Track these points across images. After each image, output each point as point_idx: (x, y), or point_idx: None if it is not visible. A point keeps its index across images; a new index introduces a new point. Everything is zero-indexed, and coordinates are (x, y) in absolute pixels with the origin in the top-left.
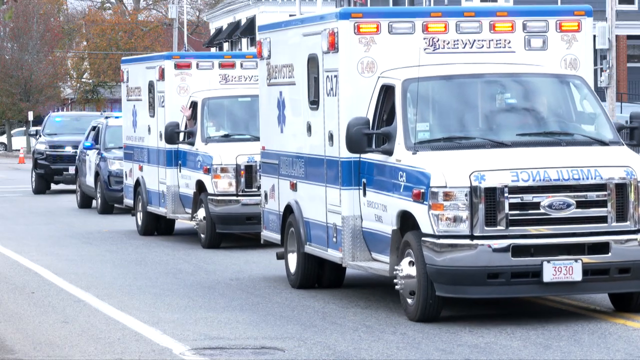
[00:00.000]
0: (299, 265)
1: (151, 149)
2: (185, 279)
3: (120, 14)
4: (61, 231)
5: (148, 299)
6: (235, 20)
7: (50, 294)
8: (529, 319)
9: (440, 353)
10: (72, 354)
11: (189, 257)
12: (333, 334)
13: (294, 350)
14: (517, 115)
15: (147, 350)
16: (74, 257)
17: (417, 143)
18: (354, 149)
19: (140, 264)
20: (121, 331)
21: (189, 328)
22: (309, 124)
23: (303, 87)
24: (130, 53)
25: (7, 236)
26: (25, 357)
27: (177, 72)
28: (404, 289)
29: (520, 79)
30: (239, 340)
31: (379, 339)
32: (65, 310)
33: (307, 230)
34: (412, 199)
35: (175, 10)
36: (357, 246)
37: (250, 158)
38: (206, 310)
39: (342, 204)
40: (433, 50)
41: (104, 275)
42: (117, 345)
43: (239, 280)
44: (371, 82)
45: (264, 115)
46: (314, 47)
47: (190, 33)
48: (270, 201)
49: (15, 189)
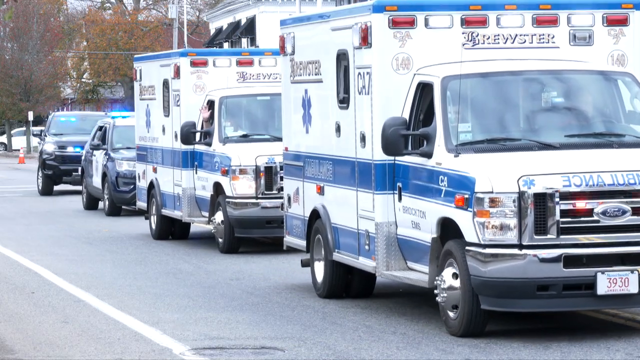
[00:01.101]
0: (326, 273)
1: (166, 149)
2: (185, 279)
3: (120, 14)
4: (61, 231)
5: (148, 299)
6: (235, 20)
7: (50, 294)
8: (529, 319)
9: (440, 353)
10: (72, 354)
11: (189, 257)
12: (333, 334)
13: (294, 350)
14: (564, 115)
15: (147, 350)
16: (74, 257)
17: (458, 145)
18: (390, 151)
19: (140, 264)
20: (121, 331)
21: (189, 328)
22: (338, 124)
23: (331, 84)
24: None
25: (7, 236)
26: (25, 357)
27: (193, 70)
28: (446, 302)
29: (566, 77)
30: (239, 340)
31: (379, 339)
32: (65, 310)
33: (336, 236)
34: (455, 205)
35: (175, 10)
36: (392, 255)
37: (271, 159)
38: (206, 310)
39: (375, 209)
40: (472, 46)
41: (104, 275)
42: (117, 345)
43: (238, 280)
44: (406, 80)
45: (287, 115)
46: (344, 42)
47: (190, 33)
48: (294, 205)
49: (16, 189)
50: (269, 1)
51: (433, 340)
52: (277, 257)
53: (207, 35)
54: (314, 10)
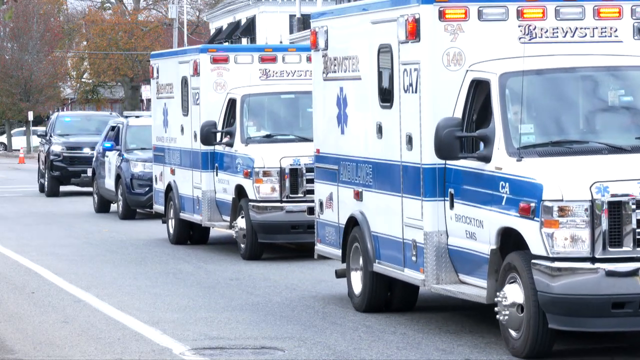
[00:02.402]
0: (365, 286)
1: (184, 150)
2: (185, 279)
3: (120, 14)
4: (61, 231)
5: (148, 299)
6: (235, 20)
7: (50, 294)
8: None
9: (440, 353)
10: (72, 354)
11: (189, 257)
12: (333, 334)
13: (294, 350)
14: (632, 115)
15: (147, 350)
16: (74, 257)
17: (520, 148)
18: (445, 155)
19: (140, 264)
20: (121, 331)
21: (189, 328)
22: (379, 124)
23: (371, 82)
24: (130, 53)
25: (7, 236)
26: (25, 357)
27: (214, 67)
28: (508, 321)
29: (632, 73)
30: (239, 340)
31: (379, 339)
32: (65, 310)
33: (376, 246)
34: (519, 214)
35: (175, 10)
36: (443, 267)
37: (296, 160)
38: (206, 310)
39: (424, 217)
40: (529, 40)
41: (104, 275)
42: (117, 345)
43: (239, 280)
44: (458, 77)
45: (319, 114)
46: (387, 36)
47: (190, 33)
48: (326, 211)
49: (16, 189)
50: (269, 1)
51: (433, 340)
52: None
53: (207, 35)
54: (314, 10)
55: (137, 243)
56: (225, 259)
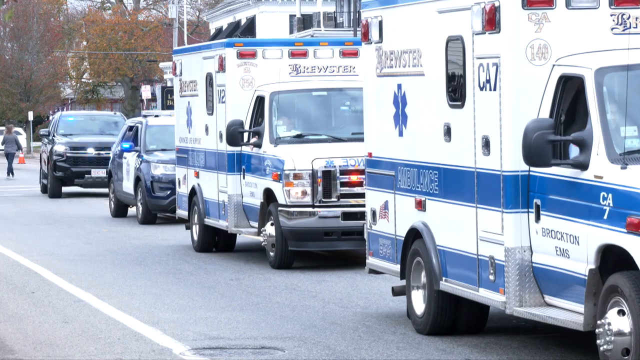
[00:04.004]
0: (429, 306)
1: (209, 152)
2: (185, 279)
3: (120, 14)
4: (61, 231)
5: (148, 299)
6: (235, 20)
7: (50, 294)
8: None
9: (440, 353)
10: (72, 354)
11: (189, 257)
12: (333, 334)
13: (294, 350)
14: None
15: (147, 350)
16: (74, 257)
17: (625, 153)
18: (535, 161)
19: (141, 264)
20: (121, 331)
21: (189, 328)
22: (447, 126)
23: (437, 78)
24: (130, 53)
25: (7, 236)
26: (25, 357)
27: (240, 62)
28: (613, 350)
29: None
30: (239, 340)
31: (379, 339)
32: (65, 310)
33: (443, 261)
34: (625, 230)
35: (175, 10)
36: (527, 287)
37: (329, 162)
38: (206, 310)
39: (505, 231)
40: (623, 30)
41: (104, 275)
42: (117, 345)
43: (238, 280)
44: (543, 72)
45: (372, 114)
46: (457, 26)
47: (190, 33)
48: (380, 222)
49: (17, 190)
50: (269, 1)
51: (433, 340)
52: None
53: (207, 35)
54: (314, 10)
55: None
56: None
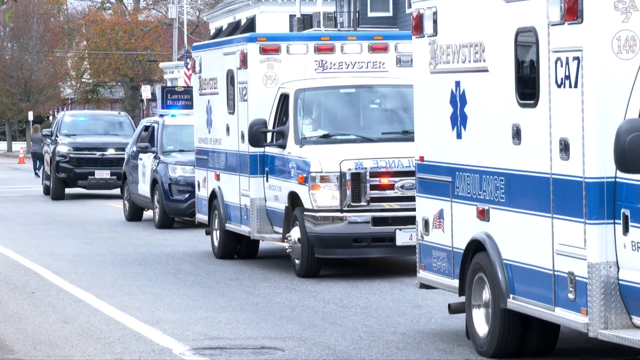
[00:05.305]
0: (494, 326)
1: (230, 153)
2: (185, 279)
3: (120, 14)
4: (61, 231)
5: (148, 299)
6: (235, 20)
7: (50, 294)
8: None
9: (440, 353)
10: (72, 354)
11: (189, 257)
12: (333, 334)
13: (294, 350)
14: None
15: (147, 350)
16: (74, 257)
17: None
18: (629, 167)
19: (141, 264)
20: (121, 331)
21: (189, 328)
22: (516, 127)
23: (504, 74)
24: (130, 53)
25: (7, 236)
26: (25, 357)
27: (263, 58)
28: None
29: None
30: (239, 340)
31: (379, 339)
32: (65, 310)
33: (510, 277)
34: None
35: (175, 10)
36: (613, 307)
37: (358, 164)
38: (206, 310)
39: (588, 244)
40: None
41: (104, 275)
42: (117, 345)
43: (239, 280)
44: (631, 67)
45: (424, 114)
46: (529, 16)
47: (190, 33)
48: (434, 232)
49: (17, 190)
50: (269, 1)
51: (433, 340)
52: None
53: (207, 35)
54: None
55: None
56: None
